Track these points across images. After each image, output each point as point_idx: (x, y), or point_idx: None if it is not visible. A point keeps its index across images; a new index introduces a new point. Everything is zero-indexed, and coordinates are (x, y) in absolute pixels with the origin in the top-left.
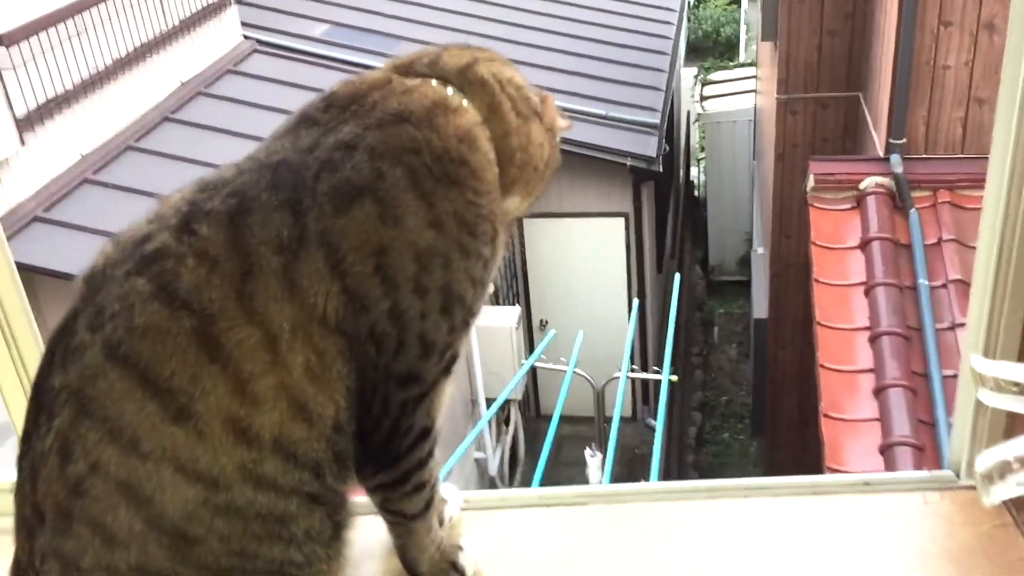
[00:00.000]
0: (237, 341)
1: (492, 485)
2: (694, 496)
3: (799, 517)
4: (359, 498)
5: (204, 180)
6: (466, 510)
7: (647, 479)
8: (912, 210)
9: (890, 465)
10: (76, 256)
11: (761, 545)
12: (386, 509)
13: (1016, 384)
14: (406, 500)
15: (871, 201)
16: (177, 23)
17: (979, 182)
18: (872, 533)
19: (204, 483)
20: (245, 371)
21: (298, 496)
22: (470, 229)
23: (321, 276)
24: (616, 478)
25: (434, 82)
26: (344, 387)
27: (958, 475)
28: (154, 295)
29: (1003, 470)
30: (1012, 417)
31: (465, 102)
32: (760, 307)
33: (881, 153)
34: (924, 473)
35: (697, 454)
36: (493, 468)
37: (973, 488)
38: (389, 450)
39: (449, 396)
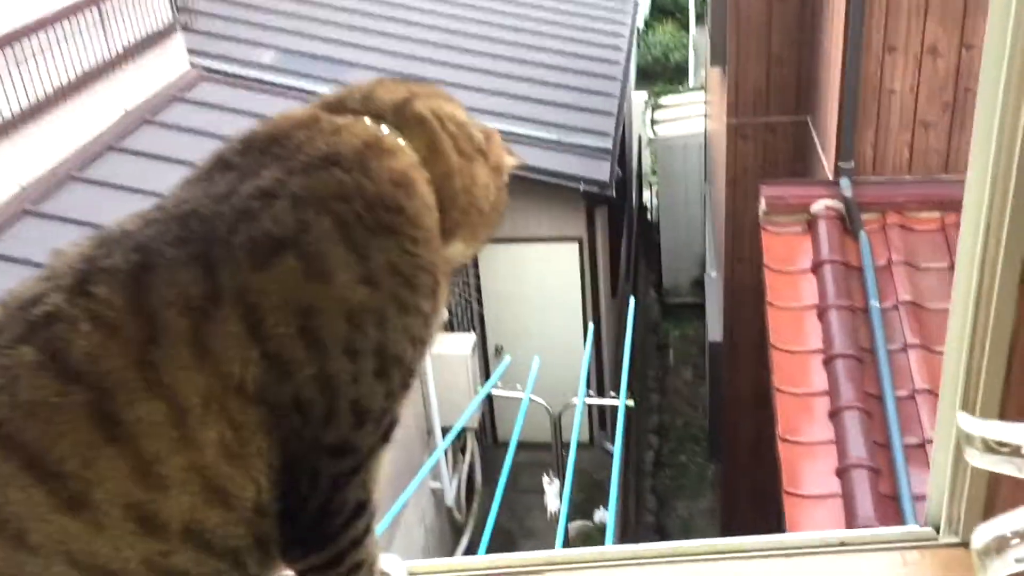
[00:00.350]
0: (138, 417)
1: (449, 515)
2: (658, 560)
3: None
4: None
5: (104, 233)
6: None
7: (605, 506)
8: (862, 233)
9: (846, 487)
10: None
11: None
12: None
13: (1006, 445)
14: None
15: (822, 224)
16: (120, 50)
17: (926, 204)
18: None
19: None
20: (149, 451)
21: None
22: (408, 282)
23: (237, 340)
24: (574, 505)
25: (367, 120)
26: (266, 464)
27: (937, 531)
28: (43, 366)
29: (1000, 545)
30: (996, 474)
31: (401, 142)
32: (715, 330)
33: (830, 176)
34: (902, 529)
35: (655, 478)
36: (450, 498)
37: (954, 546)
38: (320, 530)
39: (388, 463)
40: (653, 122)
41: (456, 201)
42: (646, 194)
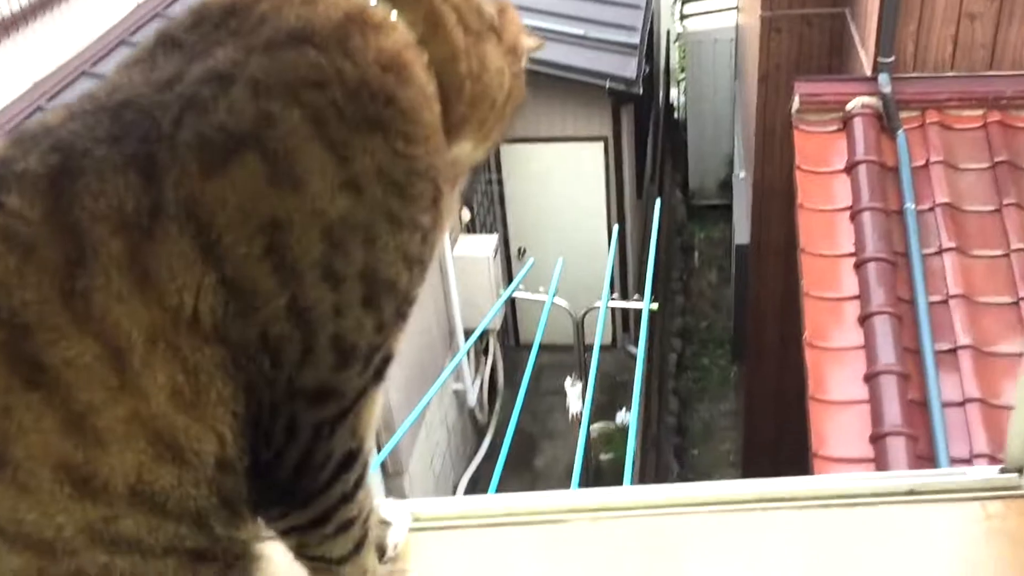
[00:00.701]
0: (65, 360)
1: (471, 416)
2: (703, 509)
3: (829, 535)
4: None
5: (21, 130)
6: (416, 531)
7: (628, 407)
8: (900, 131)
9: (874, 393)
10: None
11: (785, 570)
12: (304, 555)
13: None
14: (329, 543)
15: (858, 123)
16: None
17: (969, 101)
18: (921, 557)
19: (35, 551)
20: (80, 400)
21: (176, 556)
22: (401, 191)
23: (187, 264)
24: (597, 406)
25: None
26: (229, 412)
27: (1021, 478)
28: None
29: None
30: None
31: (393, 15)
32: (742, 232)
33: (868, 72)
34: (978, 476)
35: (677, 380)
36: (472, 399)
37: None
38: (301, 486)
39: (379, 406)
40: (682, 16)
41: (462, 90)
42: (673, 92)
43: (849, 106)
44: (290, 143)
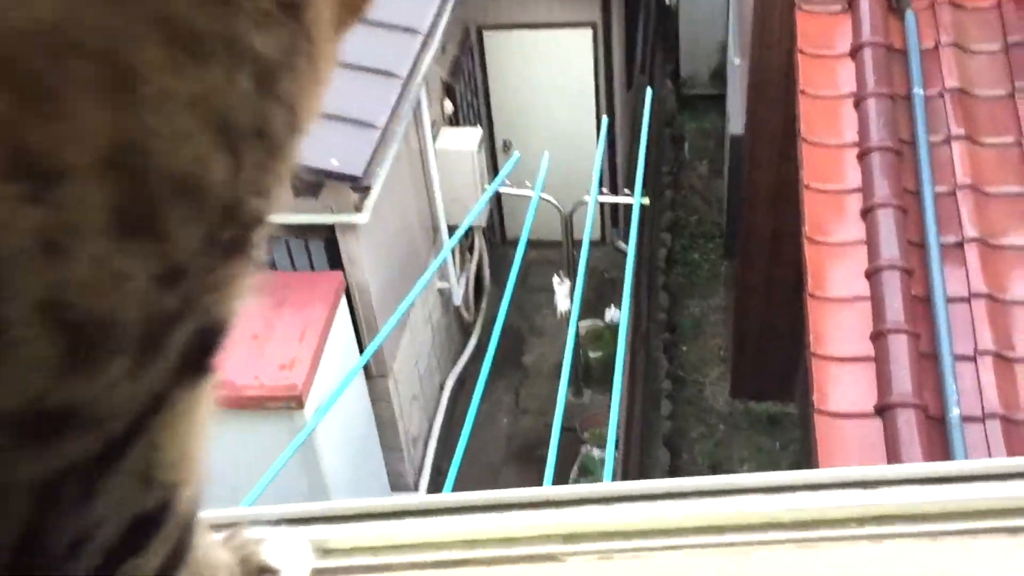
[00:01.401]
0: None
1: (457, 314)
2: (778, 537)
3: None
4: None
5: None
6: (326, 573)
7: (617, 304)
8: (909, 11)
9: (876, 289)
10: None
11: None
12: None
13: None
14: None
15: (864, 2)
16: None
17: None
18: None
19: None
20: None
21: None
22: None
23: None
24: (585, 303)
25: None
26: None
27: None
28: None
29: None
30: None
31: None
32: (736, 122)
33: None
34: None
35: (667, 275)
36: (458, 297)
37: None
38: None
39: (207, 424)
40: None
41: None
42: None
43: None
44: None
